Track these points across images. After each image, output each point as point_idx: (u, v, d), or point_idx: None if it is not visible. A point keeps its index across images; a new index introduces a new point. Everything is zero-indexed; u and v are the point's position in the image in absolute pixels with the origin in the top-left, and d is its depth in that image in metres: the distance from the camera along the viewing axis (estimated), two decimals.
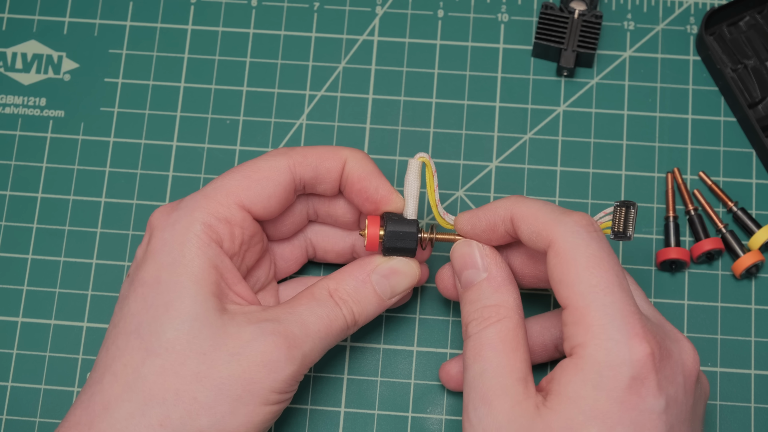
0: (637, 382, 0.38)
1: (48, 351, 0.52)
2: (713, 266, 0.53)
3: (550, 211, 0.42)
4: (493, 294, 0.43)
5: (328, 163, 0.45)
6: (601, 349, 0.39)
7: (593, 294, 0.39)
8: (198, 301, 0.41)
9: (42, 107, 0.56)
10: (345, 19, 0.57)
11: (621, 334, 0.39)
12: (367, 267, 0.45)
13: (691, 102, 0.55)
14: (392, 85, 0.56)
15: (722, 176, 0.54)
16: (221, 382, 0.40)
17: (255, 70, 0.56)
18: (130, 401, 0.40)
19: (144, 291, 0.42)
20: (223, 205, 0.43)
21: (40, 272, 0.53)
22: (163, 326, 0.41)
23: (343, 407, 0.51)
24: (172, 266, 0.42)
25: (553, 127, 0.55)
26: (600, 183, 0.54)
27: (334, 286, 0.44)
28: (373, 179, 0.45)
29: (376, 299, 0.45)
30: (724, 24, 0.56)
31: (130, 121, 0.55)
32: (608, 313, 0.39)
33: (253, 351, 0.41)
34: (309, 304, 0.43)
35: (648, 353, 0.39)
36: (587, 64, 0.55)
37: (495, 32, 0.56)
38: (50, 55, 0.56)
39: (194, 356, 0.41)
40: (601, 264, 0.40)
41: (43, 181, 0.54)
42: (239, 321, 0.42)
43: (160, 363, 0.41)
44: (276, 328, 0.42)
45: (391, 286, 0.45)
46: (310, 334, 0.43)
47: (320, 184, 0.46)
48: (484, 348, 0.41)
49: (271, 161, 0.45)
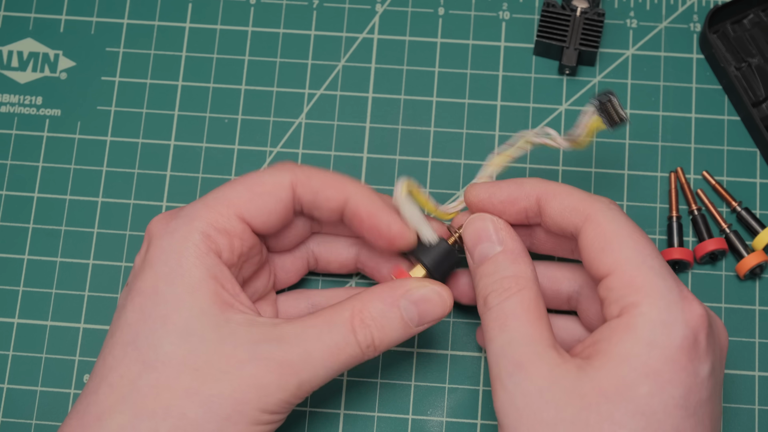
0: (689, 342, 0.39)
1: (44, 352, 0.52)
2: (717, 267, 0.53)
3: (582, 191, 0.43)
4: (511, 265, 0.43)
5: (329, 192, 0.45)
6: (655, 308, 0.39)
7: (641, 258, 0.40)
8: (194, 314, 0.41)
9: (38, 106, 0.56)
10: (345, 17, 0.57)
11: (674, 294, 0.39)
12: (397, 291, 0.44)
13: (694, 101, 0.55)
14: (392, 83, 0.56)
15: (726, 176, 0.54)
16: (210, 400, 0.40)
17: (253, 69, 0.56)
18: (122, 413, 0.40)
19: (141, 301, 0.42)
20: (223, 216, 0.43)
21: (37, 273, 0.53)
22: (161, 339, 0.41)
23: (342, 409, 0.51)
24: (170, 276, 0.41)
25: (555, 125, 0.55)
26: (602, 183, 0.54)
27: (359, 307, 0.43)
28: (384, 216, 0.45)
29: (402, 326, 0.43)
30: (727, 22, 0.55)
31: (127, 120, 0.55)
32: (659, 274, 0.40)
33: (245, 373, 0.40)
34: (320, 328, 0.42)
35: (701, 314, 0.39)
36: (589, 63, 0.55)
37: (496, 30, 0.56)
38: (47, 54, 0.56)
39: (188, 372, 0.40)
40: (641, 235, 0.41)
41: (40, 181, 0.54)
42: (239, 337, 0.41)
43: (156, 377, 0.40)
44: (272, 352, 0.41)
45: (419, 314, 0.44)
46: (311, 362, 0.41)
47: (317, 210, 0.46)
48: (509, 318, 0.41)
49: (275, 176, 0.44)
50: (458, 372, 0.51)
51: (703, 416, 0.39)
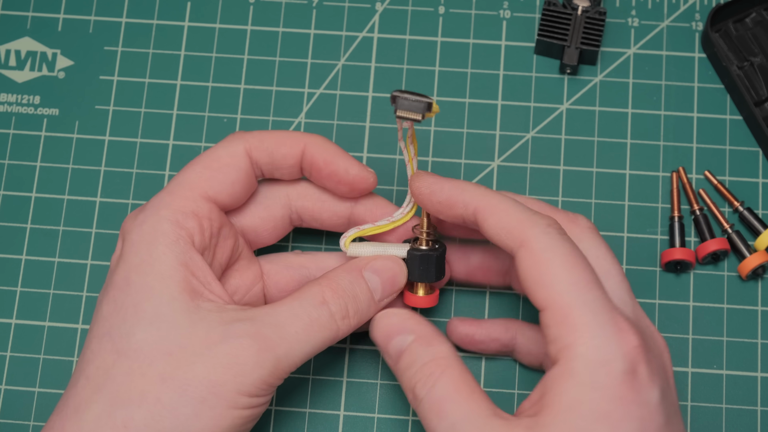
0: (630, 376, 0.38)
1: (42, 353, 0.52)
2: (719, 267, 0.53)
3: (522, 210, 0.41)
4: (427, 350, 0.42)
5: (284, 149, 0.45)
6: (591, 347, 0.38)
7: (575, 292, 0.39)
8: (164, 300, 0.41)
9: (36, 105, 0.56)
10: (344, 16, 0.57)
11: (608, 329, 0.39)
12: (359, 264, 0.45)
13: (696, 100, 0.55)
14: (392, 82, 0.55)
15: (728, 175, 0.54)
16: (185, 383, 0.40)
17: (253, 68, 0.56)
18: (98, 402, 0.40)
19: (114, 294, 0.42)
20: (188, 199, 0.43)
21: (34, 273, 0.53)
22: (133, 328, 0.41)
23: (342, 410, 0.50)
24: (140, 266, 0.42)
25: (556, 125, 0.55)
26: (603, 182, 0.54)
27: (327, 282, 0.43)
28: (341, 161, 0.45)
29: (370, 298, 0.44)
30: (730, 20, 0.55)
31: (125, 119, 0.55)
32: (593, 310, 0.39)
33: (219, 352, 0.40)
34: (290, 304, 0.42)
35: (637, 344, 0.39)
36: (591, 62, 0.55)
37: (497, 29, 0.56)
38: (44, 53, 0.56)
39: (161, 357, 0.40)
40: (577, 263, 0.40)
41: (37, 181, 0.54)
42: (211, 321, 0.41)
43: (129, 364, 0.40)
44: (246, 329, 0.41)
45: (382, 283, 0.45)
46: (286, 337, 0.41)
47: (277, 170, 0.46)
48: (443, 403, 0.40)
49: (228, 148, 0.45)
50: None
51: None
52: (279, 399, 0.50)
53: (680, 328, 0.51)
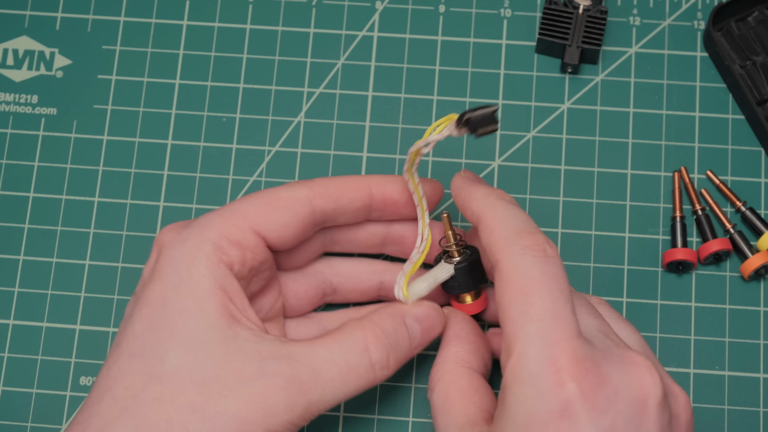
0: (553, 415, 0.37)
1: (40, 354, 0.51)
2: (721, 267, 0.52)
3: (509, 228, 0.41)
4: None
5: (350, 193, 0.45)
6: (518, 382, 0.38)
7: (521, 321, 0.38)
8: (202, 326, 0.40)
9: (34, 104, 0.55)
10: (344, 15, 0.56)
11: (539, 363, 0.38)
12: (401, 309, 0.44)
13: (698, 99, 0.55)
14: (392, 82, 0.55)
15: (730, 175, 0.54)
16: (215, 417, 0.39)
17: (252, 67, 0.56)
18: (123, 426, 0.39)
19: (149, 312, 0.41)
20: (237, 228, 0.43)
21: (32, 274, 0.53)
22: (167, 352, 0.40)
23: (342, 412, 0.50)
24: (179, 286, 0.41)
25: (557, 125, 0.55)
26: (605, 182, 0.54)
27: (371, 326, 0.43)
28: (409, 186, 0.46)
29: (409, 344, 0.44)
30: (732, 19, 0.55)
31: (124, 118, 0.55)
32: (532, 341, 0.38)
33: (252, 390, 0.40)
34: (331, 346, 0.41)
35: (569, 386, 0.37)
36: (592, 61, 0.55)
37: (497, 28, 0.56)
38: (42, 52, 0.56)
39: (193, 386, 0.40)
40: (538, 289, 0.39)
41: (35, 180, 0.54)
42: (247, 352, 0.40)
43: (160, 390, 0.40)
44: (282, 369, 0.40)
45: (422, 331, 0.45)
46: (320, 382, 0.41)
47: (342, 215, 0.46)
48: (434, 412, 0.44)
49: (292, 191, 0.44)
50: None
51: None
52: None
53: (682, 329, 0.51)
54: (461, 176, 0.45)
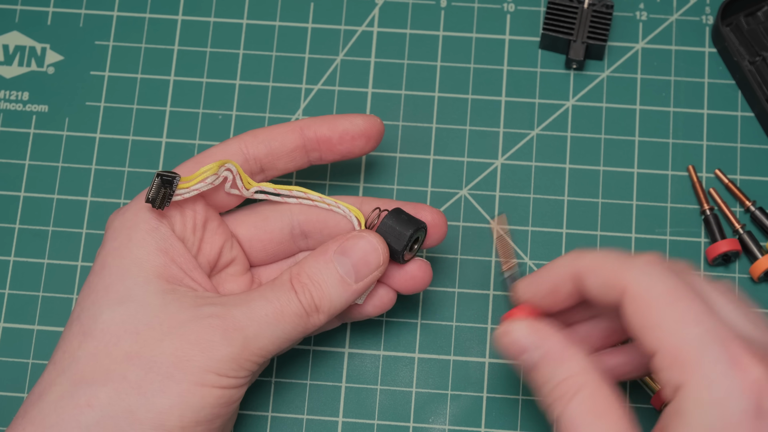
0: (750, 414, 0.36)
1: (31, 358, 0.51)
2: (730, 269, 0.52)
3: (616, 258, 0.40)
4: (557, 369, 0.40)
5: (281, 136, 0.47)
6: (703, 387, 0.36)
7: (682, 328, 0.37)
8: (138, 282, 0.42)
9: (25, 102, 0.55)
10: (343, 9, 0.56)
11: (722, 364, 0.36)
12: (329, 248, 0.44)
13: (706, 96, 0.55)
14: (392, 78, 0.55)
15: (739, 174, 0.54)
16: (152, 360, 0.40)
17: (248, 63, 0.56)
18: (60, 384, 0.41)
19: (90, 279, 0.43)
20: None
21: (23, 275, 0.53)
22: (101, 308, 0.41)
23: (340, 417, 0.50)
24: (118, 250, 0.43)
25: (562, 122, 0.54)
26: (611, 181, 0.54)
27: (296, 271, 0.44)
28: (343, 120, 0.47)
29: (340, 282, 0.44)
30: (741, 14, 0.55)
31: (117, 116, 0.55)
32: (702, 344, 0.37)
33: (188, 330, 0.41)
34: (263, 291, 0.43)
35: (756, 379, 0.36)
36: (597, 57, 0.55)
37: (500, 23, 0.56)
38: (33, 47, 0.56)
39: (128, 336, 0.41)
40: (682, 297, 0.38)
41: (26, 180, 0.54)
42: (183, 302, 0.42)
43: (95, 344, 0.41)
44: (216, 310, 0.42)
45: (354, 266, 0.44)
46: (254, 318, 0.42)
47: (278, 159, 0.47)
48: (578, 427, 0.39)
49: (222, 146, 0.46)
50: (461, 378, 0.51)
51: None
52: (275, 404, 0.50)
53: None
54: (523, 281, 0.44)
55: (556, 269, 0.42)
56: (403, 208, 0.46)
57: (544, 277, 0.43)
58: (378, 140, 0.48)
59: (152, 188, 0.42)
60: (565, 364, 0.40)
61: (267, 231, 0.48)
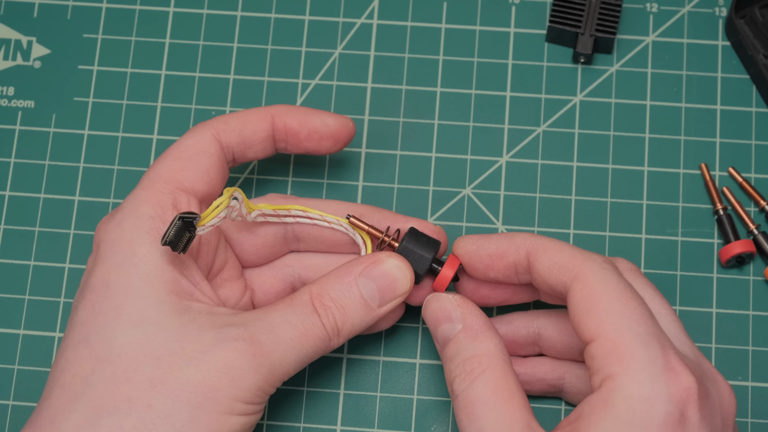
0: (673, 419, 0.37)
1: (17, 364, 0.51)
2: (744, 271, 0.52)
3: (575, 249, 0.42)
4: (472, 344, 0.43)
5: (252, 124, 0.46)
6: (635, 381, 0.38)
7: (627, 323, 0.39)
8: (151, 302, 0.41)
9: (10, 97, 0.55)
10: (341, 1, 0.56)
11: (658, 365, 0.38)
12: (354, 270, 0.44)
13: (719, 91, 0.54)
14: (393, 72, 0.55)
15: (754, 172, 0.53)
16: (179, 389, 0.40)
17: (243, 57, 0.55)
18: (77, 412, 0.39)
19: (92, 297, 0.41)
20: (165, 193, 0.43)
21: (8, 277, 0.52)
22: (114, 332, 0.40)
23: (339, 425, 0.50)
24: (122, 266, 0.41)
25: (569, 118, 0.54)
26: (620, 180, 0.53)
27: (317, 291, 0.43)
28: (315, 117, 0.47)
29: (363, 306, 0.44)
30: (755, 6, 0.55)
31: (106, 112, 0.55)
32: (644, 342, 0.38)
33: (214, 356, 0.40)
34: (284, 311, 0.42)
35: (687, 387, 0.38)
36: (606, 50, 0.55)
37: (505, 15, 0.56)
38: (19, 40, 0.56)
39: (148, 361, 0.40)
40: (631, 297, 0.40)
41: (11, 178, 0.54)
42: (201, 323, 0.41)
43: (112, 370, 0.40)
44: (240, 333, 0.41)
45: (380, 291, 0.44)
46: (281, 342, 0.41)
47: (250, 148, 0.47)
48: (476, 405, 0.41)
49: (195, 136, 0.45)
50: None
51: None
52: (272, 412, 0.50)
53: (702, 337, 0.51)
54: (466, 237, 0.45)
55: (512, 237, 0.44)
56: (400, 223, 0.47)
57: (495, 240, 0.44)
58: (347, 142, 0.48)
59: (171, 231, 0.40)
60: (481, 341, 0.42)
61: (260, 235, 0.47)
